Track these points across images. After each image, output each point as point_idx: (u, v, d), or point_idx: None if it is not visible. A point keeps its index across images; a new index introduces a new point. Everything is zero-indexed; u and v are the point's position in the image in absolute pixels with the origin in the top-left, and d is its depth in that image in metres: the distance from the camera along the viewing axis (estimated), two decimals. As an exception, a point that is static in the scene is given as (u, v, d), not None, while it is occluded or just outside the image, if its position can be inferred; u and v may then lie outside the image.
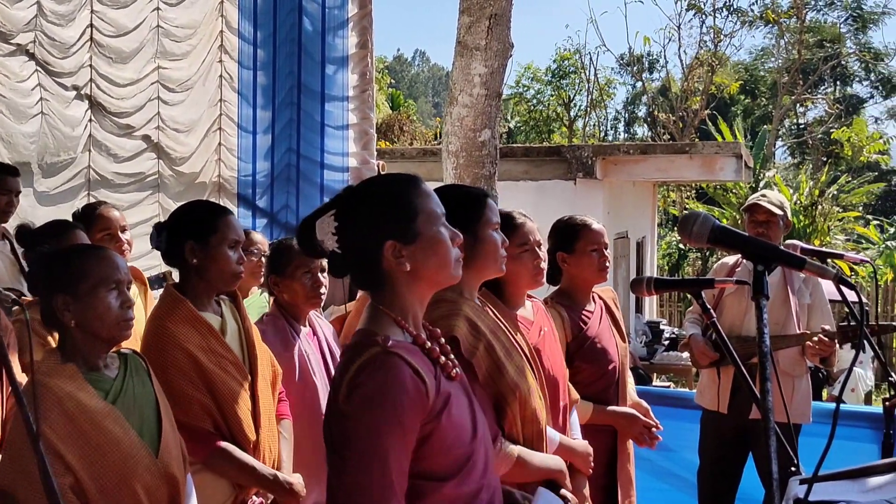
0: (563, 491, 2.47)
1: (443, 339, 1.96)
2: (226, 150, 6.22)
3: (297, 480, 2.79)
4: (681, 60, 23.82)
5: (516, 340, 2.53)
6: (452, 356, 1.93)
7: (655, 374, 10.34)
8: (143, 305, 3.54)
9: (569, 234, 3.34)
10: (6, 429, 2.83)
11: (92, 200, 6.12)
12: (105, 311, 2.22)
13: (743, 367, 1.99)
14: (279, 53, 5.94)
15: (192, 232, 2.73)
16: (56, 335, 2.58)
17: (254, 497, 2.74)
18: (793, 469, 1.86)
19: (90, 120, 6.41)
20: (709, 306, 2.27)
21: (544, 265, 2.87)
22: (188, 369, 2.60)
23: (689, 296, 12.82)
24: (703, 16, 23.89)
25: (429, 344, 1.86)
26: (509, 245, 2.54)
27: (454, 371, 1.89)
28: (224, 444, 2.64)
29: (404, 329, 1.84)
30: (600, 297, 3.46)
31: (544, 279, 2.91)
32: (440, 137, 18.08)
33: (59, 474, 2.04)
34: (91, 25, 6.48)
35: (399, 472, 1.70)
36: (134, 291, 3.16)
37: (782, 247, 3.56)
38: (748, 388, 1.99)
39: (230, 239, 2.74)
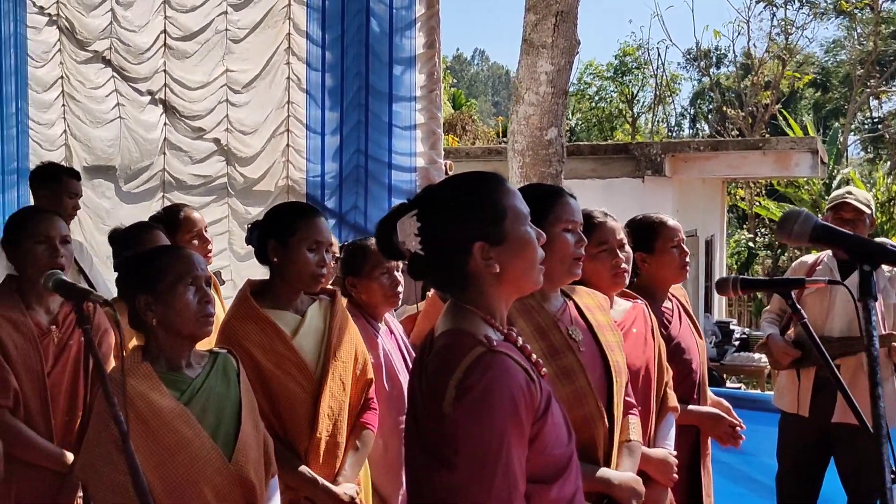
0: None
1: (521, 339, 1.88)
2: (294, 152, 6.29)
3: (343, 491, 2.69)
4: (750, 54, 23.31)
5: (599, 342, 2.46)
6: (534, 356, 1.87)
7: (725, 376, 10.12)
8: (220, 304, 3.58)
9: (646, 232, 3.25)
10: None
11: (166, 202, 6.27)
12: (184, 308, 2.23)
13: (835, 368, 1.90)
14: (347, 55, 5.96)
15: (274, 232, 2.75)
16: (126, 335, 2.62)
17: (304, 500, 2.71)
18: (893, 476, 1.78)
19: (165, 123, 6.56)
20: (798, 307, 2.18)
21: (626, 265, 2.80)
22: (245, 367, 2.60)
23: (759, 295, 12.54)
24: (774, 8, 23.36)
25: (520, 341, 1.82)
26: (588, 245, 2.48)
27: (543, 370, 1.84)
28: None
29: (495, 328, 1.79)
30: (673, 296, 3.38)
31: (626, 280, 2.83)
32: (502, 136, 18.00)
33: (125, 472, 2.05)
34: (164, 31, 6.62)
35: (521, 473, 1.66)
36: (210, 291, 3.18)
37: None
38: (841, 391, 1.91)
39: (311, 240, 2.73)
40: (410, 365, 3.24)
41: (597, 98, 25.22)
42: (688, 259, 3.25)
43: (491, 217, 1.77)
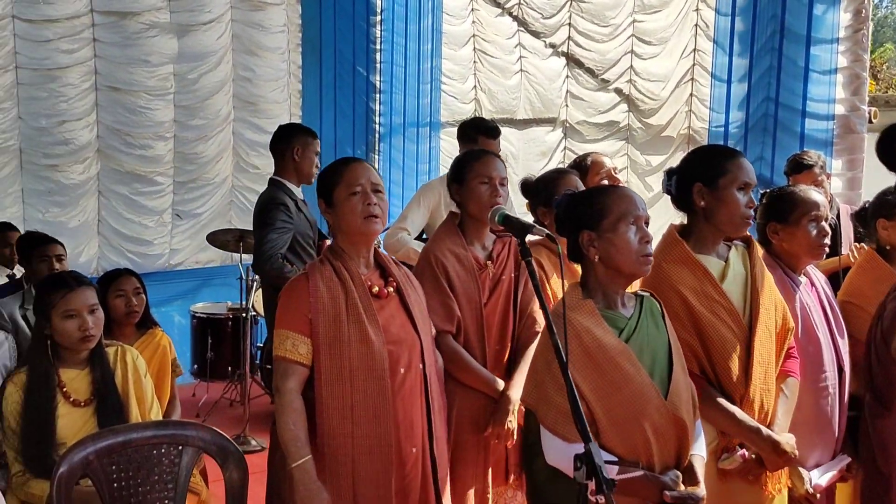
0: None
1: None
2: (697, 101, 6.18)
3: (785, 440, 2.60)
4: None
5: None
6: None
7: None
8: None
9: None
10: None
11: (567, 153, 6.51)
12: (625, 246, 2.27)
13: None
14: (761, -3, 5.66)
15: (700, 174, 2.68)
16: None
17: (738, 447, 2.63)
18: None
19: (567, 76, 6.78)
20: None
21: None
22: (678, 310, 2.56)
23: None
24: None
25: None
26: None
27: None
28: (709, 388, 2.58)
29: None
30: None
31: None
32: (921, 85, 15.89)
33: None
34: (574, -16, 6.81)
35: None
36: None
37: None
38: None
39: (740, 181, 2.63)
40: (833, 321, 3.02)
41: None
42: None
43: None
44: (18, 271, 4.79)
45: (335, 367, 2.37)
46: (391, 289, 2.52)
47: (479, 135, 4.46)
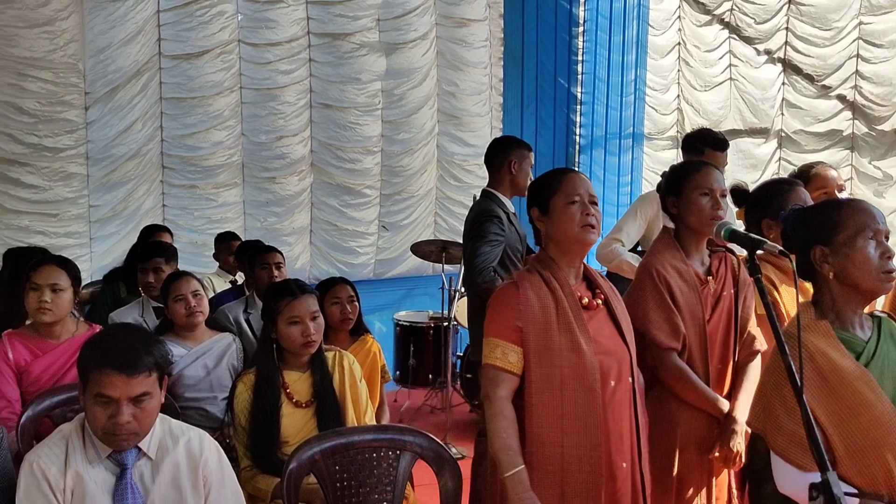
0: None
1: None
2: (933, 107, 5.65)
3: None
4: None
5: None
6: None
7: None
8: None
9: None
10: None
11: (783, 164, 6.17)
12: (864, 261, 2.11)
13: None
14: None
15: None
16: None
17: None
18: None
19: (783, 83, 6.43)
20: None
21: None
22: None
23: None
24: None
25: None
26: None
27: None
28: None
29: None
30: None
31: None
32: None
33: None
34: (791, -14, 6.45)
35: None
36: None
37: None
38: None
39: None
40: None
41: None
42: None
43: None
44: (240, 278, 5.11)
45: (545, 376, 2.34)
46: (599, 301, 2.47)
47: (706, 146, 4.26)
